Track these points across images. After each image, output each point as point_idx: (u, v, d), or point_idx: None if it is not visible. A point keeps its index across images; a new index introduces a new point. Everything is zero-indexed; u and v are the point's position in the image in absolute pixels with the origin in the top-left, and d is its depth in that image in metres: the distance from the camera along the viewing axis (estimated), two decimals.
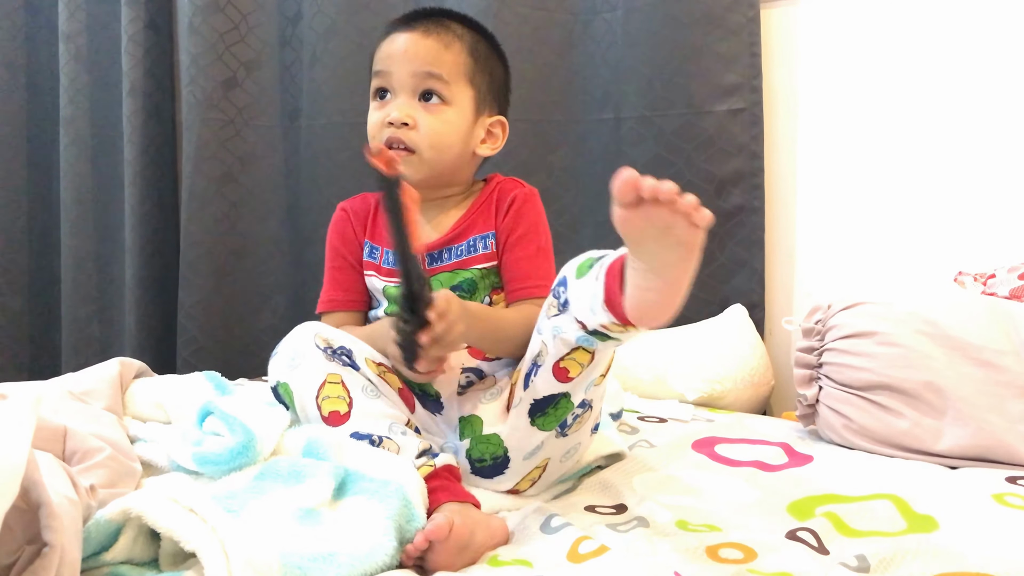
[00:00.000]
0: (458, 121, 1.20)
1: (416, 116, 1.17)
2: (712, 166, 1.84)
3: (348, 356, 1.10)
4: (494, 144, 1.26)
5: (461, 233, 1.22)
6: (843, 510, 1.07)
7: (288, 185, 2.22)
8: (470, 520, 0.94)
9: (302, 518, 0.88)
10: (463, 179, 1.26)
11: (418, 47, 1.19)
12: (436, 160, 1.19)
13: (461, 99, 1.20)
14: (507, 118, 1.28)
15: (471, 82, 1.21)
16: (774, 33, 1.85)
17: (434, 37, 1.19)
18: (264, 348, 2.17)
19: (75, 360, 2.31)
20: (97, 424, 1.06)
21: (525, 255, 1.20)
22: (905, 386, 1.31)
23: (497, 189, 1.24)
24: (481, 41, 1.24)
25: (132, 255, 2.25)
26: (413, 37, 1.19)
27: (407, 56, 1.18)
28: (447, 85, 1.18)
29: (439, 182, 1.22)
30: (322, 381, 1.07)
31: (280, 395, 1.10)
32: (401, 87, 1.19)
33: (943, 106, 1.70)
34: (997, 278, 1.49)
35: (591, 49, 1.95)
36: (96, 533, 0.79)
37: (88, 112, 2.34)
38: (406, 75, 1.18)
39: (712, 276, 1.87)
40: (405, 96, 1.18)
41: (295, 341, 1.10)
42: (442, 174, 1.21)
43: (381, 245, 1.26)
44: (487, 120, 1.24)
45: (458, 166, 1.23)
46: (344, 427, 1.05)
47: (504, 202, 1.22)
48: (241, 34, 2.15)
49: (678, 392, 1.70)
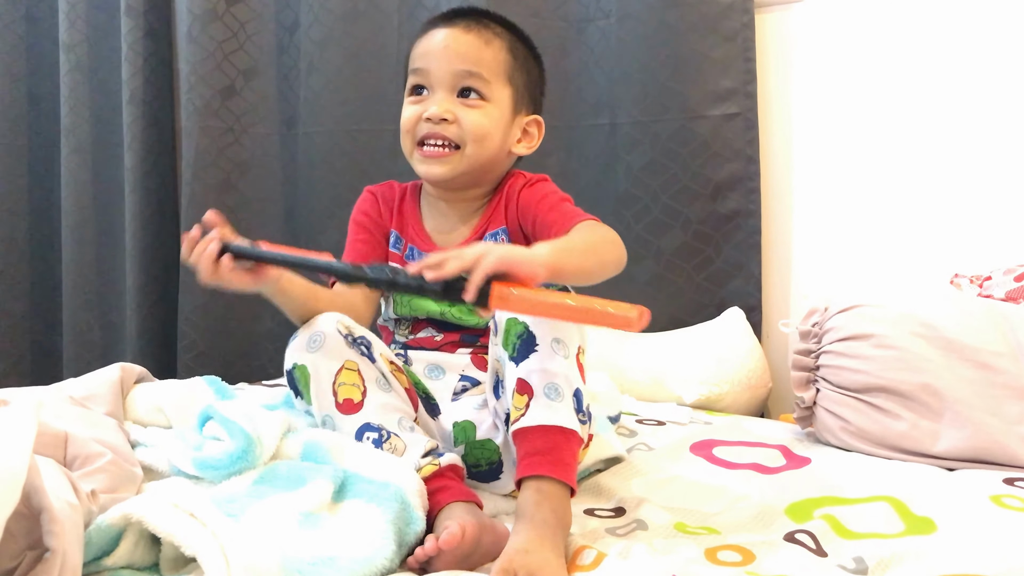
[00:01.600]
0: (498, 117, 1.20)
1: (456, 112, 1.17)
2: (708, 170, 1.84)
3: (367, 347, 1.10)
4: (530, 143, 1.26)
5: (480, 235, 1.23)
6: (841, 512, 1.07)
7: (286, 192, 2.23)
8: (478, 526, 0.93)
9: (302, 522, 0.89)
10: (496, 176, 1.26)
11: (459, 43, 1.18)
12: (477, 155, 1.18)
13: (500, 97, 1.20)
14: (543, 118, 1.28)
15: (510, 80, 1.21)
16: (768, 38, 1.85)
17: (474, 33, 1.19)
18: (263, 353, 2.20)
19: (76, 365, 2.32)
20: (98, 429, 1.06)
21: (549, 207, 1.19)
22: (902, 388, 1.32)
23: (507, 186, 1.24)
24: (519, 41, 1.24)
25: (133, 261, 2.26)
26: (453, 33, 1.19)
27: (447, 53, 1.18)
28: (487, 83, 1.18)
29: (474, 180, 1.22)
30: (340, 366, 1.07)
31: (295, 379, 1.10)
32: (440, 83, 1.18)
33: (937, 109, 1.71)
34: (993, 280, 1.49)
35: (585, 56, 1.96)
36: (97, 538, 0.79)
37: (89, 120, 2.35)
38: (446, 72, 1.18)
39: (709, 279, 1.87)
40: (444, 92, 1.18)
41: (317, 326, 1.11)
42: (478, 171, 1.21)
43: (405, 239, 1.26)
44: (524, 119, 1.24)
45: (494, 163, 1.23)
46: (356, 416, 1.06)
47: (513, 196, 1.23)
48: (239, 43, 2.16)
49: (676, 395, 1.70)
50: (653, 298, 1.90)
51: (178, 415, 1.20)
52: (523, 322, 1.02)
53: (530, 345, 1.01)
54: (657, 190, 1.88)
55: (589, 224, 1.12)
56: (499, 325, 1.04)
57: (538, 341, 1.01)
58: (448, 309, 1.21)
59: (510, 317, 1.03)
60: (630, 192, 1.90)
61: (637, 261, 1.90)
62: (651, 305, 1.90)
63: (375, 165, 2.10)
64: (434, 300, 0.97)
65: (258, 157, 2.21)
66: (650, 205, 1.88)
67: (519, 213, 1.22)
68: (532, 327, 1.02)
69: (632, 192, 1.90)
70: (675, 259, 1.88)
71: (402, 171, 1.25)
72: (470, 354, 1.19)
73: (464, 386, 1.19)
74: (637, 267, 1.90)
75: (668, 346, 1.78)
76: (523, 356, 1.01)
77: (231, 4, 2.14)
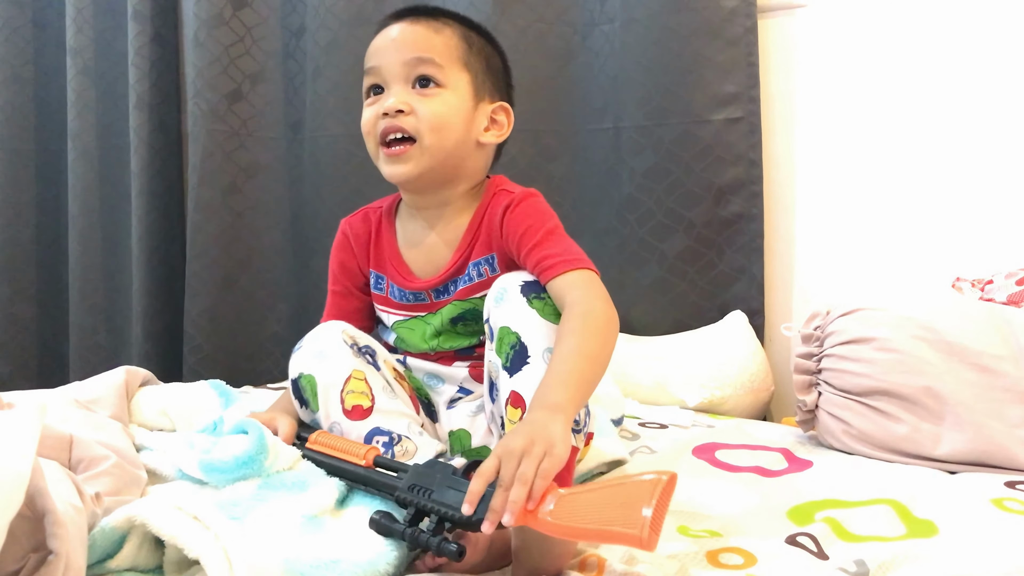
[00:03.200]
0: (457, 103, 1.13)
1: (412, 102, 1.12)
2: (711, 174, 1.84)
3: (372, 356, 1.11)
4: (499, 131, 1.19)
5: (463, 264, 1.17)
6: (843, 515, 1.07)
7: (291, 196, 2.24)
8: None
9: (305, 525, 0.89)
10: (470, 172, 1.18)
11: (407, 34, 1.14)
12: (438, 146, 1.12)
13: (457, 82, 1.14)
14: (512, 105, 1.22)
15: (466, 66, 1.15)
16: (771, 43, 1.85)
17: (423, 24, 1.15)
18: (269, 356, 2.21)
19: (83, 368, 2.33)
20: (103, 432, 1.07)
21: (533, 245, 1.09)
22: (904, 391, 1.32)
23: (491, 203, 1.17)
24: (473, 32, 1.19)
25: (139, 265, 2.27)
26: (402, 26, 1.15)
27: (396, 44, 1.14)
28: (441, 69, 1.13)
29: (444, 175, 1.16)
30: (348, 375, 1.07)
31: (300, 388, 1.09)
32: (394, 77, 1.13)
33: (939, 113, 1.71)
34: (995, 284, 1.49)
35: (590, 60, 1.96)
36: (101, 541, 0.80)
37: (95, 125, 2.36)
38: (398, 64, 1.13)
39: (712, 283, 1.88)
40: (399, 85, 1.13)
41: (322, 336, 1.10)
42: (445, 164, 1.14)
43: (386, 275, 1.22)
44: (488, 106, 1.18)
45: (462, 155, 1.16)
46: (366, 422, 1.06)
47: (496, 218, 1.14)
48: (246, 47, 2.17)
49: (679, 398, 1.71)
50: (656, 302, 1.90)
51: (183, 418, 1.21)
52: (515, 332, 1.01)
53: (523, 357, 1.00)
54: (660, 194, 1.88)
55: (579, 307, 1.01)
56: (493, 331, 1.04)
57: (530, 353, 1.00)
58: (439, 345, 1.20)
59: (503, 326, 1.03)
60: (633, 196, 1.91)
61: (640, 265, 1.91)
62: (654, 309, 1.93)
63: (379, 169, 2.10)
64: (458, 525, 0.89)
65: (264, 161, 2.21)
66: (653, 209, 1.89)
67: (504, 241, 1.14)
68: (524, 338, 1.01)
69: (635, 196, 1.90)
70: (678, 263, 1.88)
71: None
72: (468, 367, 1.18)
73: (460, 396, 1.19)
74: (640, 271, 1.91)
75: (671, 350, 1.79)
76: (516, 368, 1.00)
77: (238, 9, 2.15)
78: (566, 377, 0.93)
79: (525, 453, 0.82)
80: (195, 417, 1.21)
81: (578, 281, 1.04)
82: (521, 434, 0.84)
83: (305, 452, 1.03)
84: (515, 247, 1.11)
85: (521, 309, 1.03)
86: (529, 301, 1.03)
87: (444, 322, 1.17)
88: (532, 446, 0.83)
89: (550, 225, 1.11)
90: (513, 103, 1.22)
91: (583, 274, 1.05)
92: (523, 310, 1.02)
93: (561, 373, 0.93)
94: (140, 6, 2.21)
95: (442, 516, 0.86)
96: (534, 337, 1.00)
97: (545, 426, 0.85)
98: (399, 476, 0.94)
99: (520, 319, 1.02)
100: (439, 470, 0.90)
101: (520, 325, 1.02)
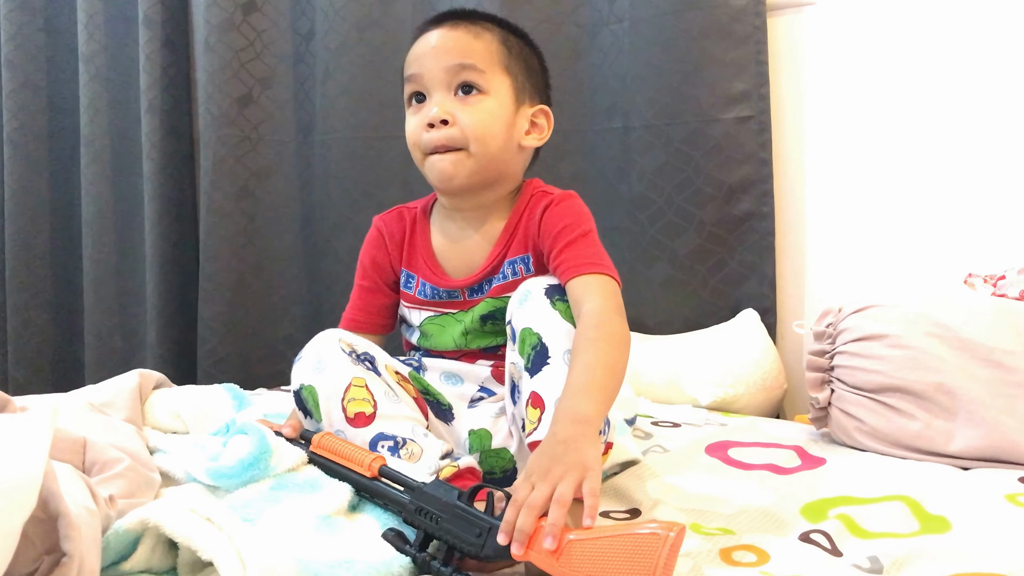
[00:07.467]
0: (499, 111, 1.14)
1: (455, 112, 1.12)
2: (721, 173, 1.84)
3: (371, 362, 1.11)
4: (540, 134, 1.21)
5: (499, 263, 1.18)
6: (856, 512, 1.07)
7: (303, 199, 2.25)
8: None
9: (319, 526, 0.89)
10: (512, 174, 1.20)
11: (447, 40, 1.15)
12: (483, 154, 1.13)
13: (499, 88, 1.15)
14: (551, 108, 1.22)
15: (507, 70, 1.16)
16: (781, 41, 1.85)
17: (463, 28, 1.16)
18: (283, 358, 2.21)
19: (98, 373, 2.34)
20: (116, 435, 1.07)
21: (568, 242, 1.11)
22: (916, 388, 1.31)
23: (530, 203, 1.18)
24: (511, 34, 1.20)
25: (152, 269, 2.28)
26: (441, 32, 1.16)
27: (437, 51, 1.14)
28: (482, 74, 1.13)
29: (489, 179, 1.17)
30: (348, 384, 1.07)
31: (303, 399, 1.10)
32: (436, 84, 1.14)
33: (950, 110, 1.70)
34: (1007, 279, 1.48)
35: (598, 60, 1.96)
36: (115, 543, 0.80)
37: (108, 131, 2.38)
38: (439, 71, 1.13)
39: (723, 281, 1.87)
40: (441, 93, 1.14)
41: (320, 346, 1.11)
42: (490, 170, 1.15)
43: (417, 274, 1.23)
44: (529, 110, 1.19)
45: (505, 159, 1.17)
46: (369, 428, 1.06)
47: (535, 217, 1.16)
48: (256, 51, 2.18)
49: (691, 397, 1.71)
50: (667, 300, 1.90)
51: (196, 421, 1.21)
52: (537, 333, 1.02)
53: (543, 357, 1.01)
54: (671, 193, 1.88)
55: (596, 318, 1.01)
56: (516, 333, 1.05)
57: (551, 354, 1.00)
58: (467, 343, 1.20)
59: (526, 327, 1.03)
60: (644, 195, 1.91)
61: (651, 264, 1.91)
62: (665, 307, 1.92)
63: (390, 172, 2.11)
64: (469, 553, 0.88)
65: (275, 164, 2.23)
66: (664, 208, 1.88)
67: (540, 238, 1.16)
68: (545, 339, 1.02)
69: (646, 195, 1.90)
70: (689, 261, 1.88)
71: (417, 177, 1.24)
72: (491, 367, 1.19)
73: (482, 396, 1.19)
74: (651, 270, 1.91)
75: (683, 348, 1.78)
76: (537, 369, 1.01)
77: (248, 13, 2.17)
78: (590, 388, 0.93)
79: (560, 477, 0.82)
80: (208, 420, 1.22)
81: (597, 287, 1.05)
82: (553, 457, 0.84)
83: (311, 456, 1.03)
84: (549, 243, 1.13)
85: (544, 310, 1.04)
86: (553, 303, 1.04)
87: (475, 319, 1.18)
88: (567, 470, 0.82)
89: (585, 227, 1.14)
90: (552, 104, 1.23)
91: (604, 281, 1.06)
92: (546, 311, 1.04)
93: (586, 383, 0.94)
94: (151, 12, 2.23)
95: (452, 545, 0.86)
96: (555, 338, 1.01)
97: (578, 447, 0.85)
98: (404, 492, 0.93)
99: (543, 320, 1.04)
100: (444, 493, 0.89)
101: (542, 326, 1.03)
